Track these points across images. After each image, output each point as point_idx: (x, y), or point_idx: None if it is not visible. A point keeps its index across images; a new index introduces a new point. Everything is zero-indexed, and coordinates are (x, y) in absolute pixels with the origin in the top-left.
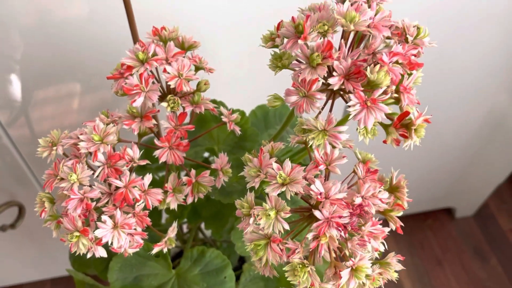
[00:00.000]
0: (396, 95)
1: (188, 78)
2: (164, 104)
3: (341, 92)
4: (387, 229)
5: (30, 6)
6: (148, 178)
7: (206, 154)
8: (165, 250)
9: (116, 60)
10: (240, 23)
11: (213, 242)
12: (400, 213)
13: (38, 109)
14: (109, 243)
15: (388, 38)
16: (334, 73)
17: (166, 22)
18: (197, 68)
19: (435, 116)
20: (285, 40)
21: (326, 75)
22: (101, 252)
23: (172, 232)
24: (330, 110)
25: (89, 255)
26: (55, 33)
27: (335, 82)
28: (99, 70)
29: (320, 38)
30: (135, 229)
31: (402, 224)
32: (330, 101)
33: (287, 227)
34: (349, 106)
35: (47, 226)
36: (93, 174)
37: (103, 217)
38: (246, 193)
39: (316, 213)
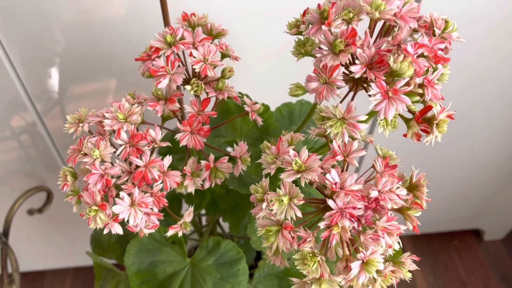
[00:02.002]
0: (420, 89)
1: (213, 63)
2: (188, 87)
3: (365, 85)
4: (403, 227)
5: (72, 3)
6: (168, 159)
7: (229, 149)
8: (180, 233)
9: None
10: (266, 19)
11: (231, 238)
12: (419, 213)
13: (73, 102)
14: (125, 220)
15: (415, 31)
16: (357, 61)
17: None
18: (223, 56)
19: (468, 132)
20: (310, 26)
21: (348, 63)
22: (117, 229)
23: (188, 216)
24: (352, 100)
25: (105, 231)
26: (95, 29)
27: (357, 70)
28: (135, 67)
29: (344, 25)
30: (151, 208)
31: (419, 223)
32: (352, 93)
33: (299, 214)
34: (370, 96)
35: (69, 202)
36: (115, 152)
37: (121, 194)
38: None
39: (330, 202)
